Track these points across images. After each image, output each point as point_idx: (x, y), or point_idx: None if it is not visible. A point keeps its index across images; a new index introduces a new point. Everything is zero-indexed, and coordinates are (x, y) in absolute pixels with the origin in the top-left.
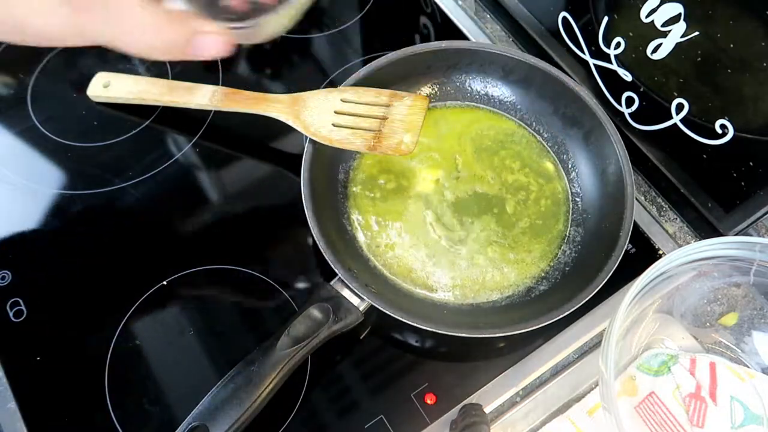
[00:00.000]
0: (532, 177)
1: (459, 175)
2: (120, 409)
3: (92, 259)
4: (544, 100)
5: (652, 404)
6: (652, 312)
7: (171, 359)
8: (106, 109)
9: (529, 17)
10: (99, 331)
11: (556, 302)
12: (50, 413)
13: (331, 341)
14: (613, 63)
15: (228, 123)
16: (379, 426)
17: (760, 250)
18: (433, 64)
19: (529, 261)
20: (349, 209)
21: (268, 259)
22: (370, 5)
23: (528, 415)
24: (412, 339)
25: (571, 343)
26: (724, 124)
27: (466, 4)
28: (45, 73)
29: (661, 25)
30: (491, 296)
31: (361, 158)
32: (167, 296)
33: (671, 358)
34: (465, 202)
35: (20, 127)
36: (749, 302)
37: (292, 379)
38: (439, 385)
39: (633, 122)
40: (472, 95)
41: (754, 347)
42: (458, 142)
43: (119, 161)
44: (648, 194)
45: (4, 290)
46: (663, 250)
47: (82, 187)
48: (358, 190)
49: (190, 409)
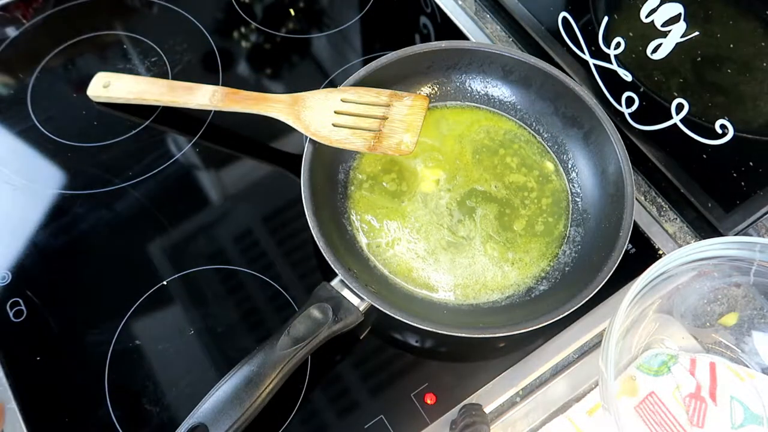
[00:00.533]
0: (532, 177)
1: (459, 175)
2: (120, 409)
3: (92, 259)
4: (544, 100)
5: (652, 404)
6: (652, 312)
7: (171, 359)
8: (106, 109)
9: (529, 17)
10: (99, 331)
11: (556, 302)
12: (50, 413)
13: (331, 341)
14: (613, 63)
15: (228, 123)
16: (379, 426)
17: (760, 250)
18: (434, 64)
19: (529, 261)
20: (349, 209)
21: (268, 259)
22: (370, 5)
23: (528, 415)
24: (412, 339)
25: (571, 343)
26: (724, 124)
27: (466, 4)
28: (45, 73)
29: (661, 25)
30: (491, 296)
31: (361, 158)
32: (167, 296)
33: (671, 358)
34: (465, 202)
35: (20, 127)
36: (749, 302)
37: (292, 379)
38: (439, 385)
39: (633, 122)
40: (472, 95)
41: (754, 347)
42: (458, 142)
43: (119, 161)
44: (648, 194)
45: (4, 290)
46: (663, 250)
47: (82, 187)
48: (359, 190)
49: (190, 409)
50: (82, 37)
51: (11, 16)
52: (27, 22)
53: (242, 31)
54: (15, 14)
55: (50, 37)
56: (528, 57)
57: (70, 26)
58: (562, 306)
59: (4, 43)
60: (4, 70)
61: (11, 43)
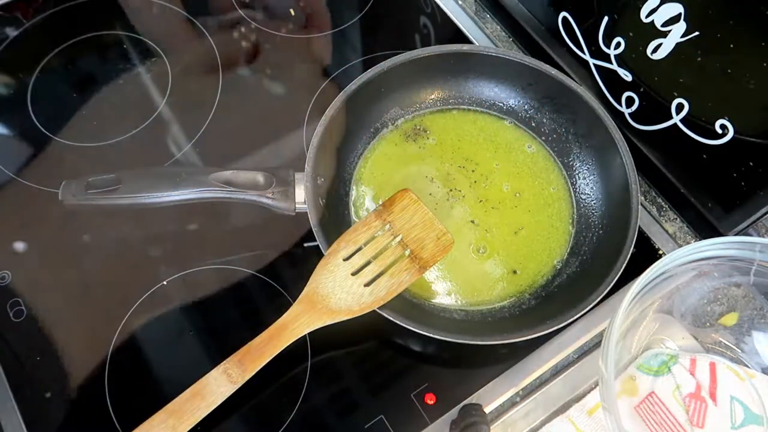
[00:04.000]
0: (537, 183)
1: (460, 180)
2: (120, 409)
3: (92, 259)
4: (553, 107)
5: (652, 404)
6: (652, 312)
7: (171, 359)
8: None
9: (529, 17)
10: (99, 331)
11: (559, 309)
12: (50, 413)
13: (331, 341)
14: (613, 63)
15: (228, 122)
16: (379, 426)
17: (760, 250)
18: (437, 68)
19: (533, 267)
20: (352, 215)
21: (268, 259)
22: (370, 5)
23: (528, 415)
24: (412, 339)
25: (571, 343)
26: (724, 124)
27: (466, 4)
28: (45, 73)
29: (661, 25)
30: (495, 303)
31: (363, 166)
32: (167, 296)
33: (671, 358)
34: (467, 208)
35: (20, 127)
36: (749, 302)
37: (292, 379)
38: (439, 385)
39: (633, 122)
40: (478, 100)
41: (754, 347)
42: (460, 147)
43: (119, 161)
44: (648, 194)
45: (4, 290)
46: (663, 250)
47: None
48: (362, 198)
49: None
50: (82, 37)
51: (11, 16)
52: (27, 22)
53: (242, 31)
54: (15, 14)
55: (50, 37)
56: (537, 63)
57: (70, 26)
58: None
59: (4, 43)
60: (4, 70)
61: (11, 43)
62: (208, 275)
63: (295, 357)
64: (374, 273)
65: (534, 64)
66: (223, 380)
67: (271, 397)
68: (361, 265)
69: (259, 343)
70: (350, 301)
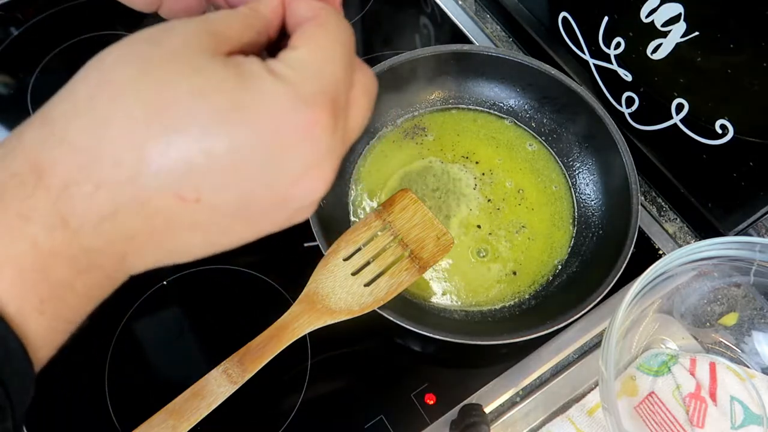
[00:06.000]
0: (539, 180)
1: (463, 178)
2: (120, 409)
3: None
4: (553, 107)
5: (652, 404)
6: (652, 312)
7: (171, 359)
8: None
9: (529, 17)
10: (99, 331)
11: (559, 309)
12: (50, 413)
13: (331, 341)
14: (613, 63)
15: None
16: (379, 426)
17: (760, 250)
18: (437, 68)
19: (533, 267)
20: (352, 215)
21: (268, 259)
22: (370, 5)
23: (528, 415)
24: (412, 339)
25: (571, 343)
26: (724, 124)
27: (466, 4)
28: (45, 73)
29: (661, 25)
30: (495, 303)
31: (362, 166)
32: (167, 296)
33: (671, 358)
34: (469, 206)
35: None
36: (749, 302)
37: (292, 379)
38: (439, 385)
39: (633, 122)
40: (478, 100)
41: (754, 347)
42: (459, 142)
43: None
44: (648, 194)
45: None
46: (663, 250)
47: None
48: (361, 197)
49: None
50: (82, 37)
51: (11, 15)
52: (27, 22)
53: None
54: (15, 14)
55: (50, 37)
56: (538, 63)
57: (70, 26)
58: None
59: (4, 43)
60: (5, 70)
61: (11, 43)
62: (208, 275)
63: (295, 357)
64: (374, 273)
65: (534, 64)
66: (223, 380)
67: (271, 396)
68: (361, 265)
69: (259, 343)
70: (350, 301)
